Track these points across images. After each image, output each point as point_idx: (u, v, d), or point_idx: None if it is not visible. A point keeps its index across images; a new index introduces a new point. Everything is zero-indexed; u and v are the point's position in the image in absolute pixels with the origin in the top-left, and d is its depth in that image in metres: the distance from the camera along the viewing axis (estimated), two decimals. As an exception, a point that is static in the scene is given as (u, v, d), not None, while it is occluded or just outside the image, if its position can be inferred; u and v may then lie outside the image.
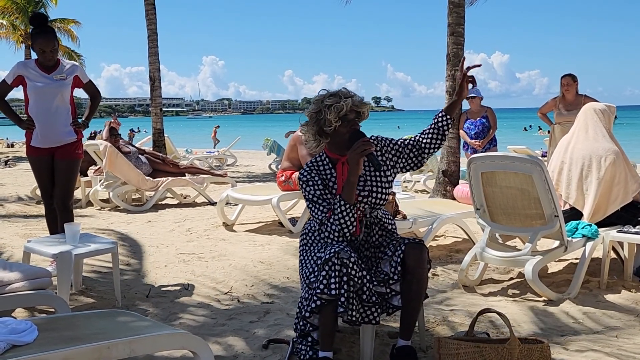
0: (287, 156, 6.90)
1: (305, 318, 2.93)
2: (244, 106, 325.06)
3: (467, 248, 5.13)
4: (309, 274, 3.03)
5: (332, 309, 2.85)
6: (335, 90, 3.15)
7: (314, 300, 2.86)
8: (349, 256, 2.88)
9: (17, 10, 25.94)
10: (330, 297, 2.83)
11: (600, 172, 4.54)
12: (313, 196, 3.10)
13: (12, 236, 6.46)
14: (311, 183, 3.12)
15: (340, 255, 2.85)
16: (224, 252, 5.71)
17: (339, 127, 3.10)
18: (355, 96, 3.12)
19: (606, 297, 4.20)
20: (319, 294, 2.84)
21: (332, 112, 3.06)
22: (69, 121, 4.89)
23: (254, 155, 22.74)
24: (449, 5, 8.46)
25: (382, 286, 3.04)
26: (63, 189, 4.89)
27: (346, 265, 2.86)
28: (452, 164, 8.45)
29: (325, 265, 2.86)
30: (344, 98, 3.08)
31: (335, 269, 2.84)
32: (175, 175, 9.02)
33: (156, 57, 14.46)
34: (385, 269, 3.06)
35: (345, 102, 3.06)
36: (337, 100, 3.07)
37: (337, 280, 2.83)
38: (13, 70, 4.81)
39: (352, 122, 3.11)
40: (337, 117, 3.07)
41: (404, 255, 3.02)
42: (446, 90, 8.53)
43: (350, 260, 2.87)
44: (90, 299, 4.33)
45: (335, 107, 3.06)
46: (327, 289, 2.83)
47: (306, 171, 3.17)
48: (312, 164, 3.20)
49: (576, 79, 7.73)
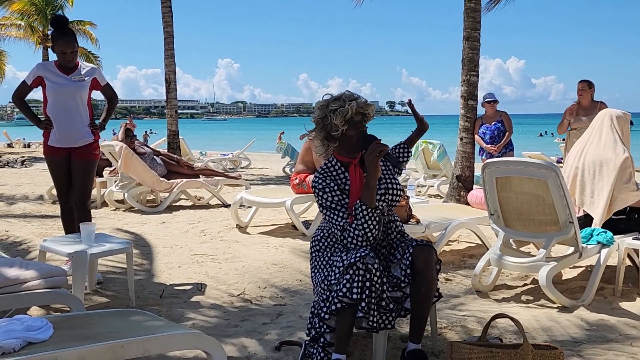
0: (302, 159, 6.91)
1: (324, 320, 2.93)
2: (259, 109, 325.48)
3: (481, 253, 5.11)
4: (323, 279, 3.03)
5: (351, 312, 2.86)
6: (339, 94, 3.16)
7: (335, 302, 2.86)
8: (373, 262, 2.88)
9: (36, 11, 26.16)
10: (352, 302, 2.84)
11: (609, 177, 4.52)
12: (331, 203, 3.09)
13: (29, 235, 6.52)
14: (328, 190, 3.10)
15: (365, 261, 2.86)
16: (237, 254, 5.73)
17: (347, 131, 3.10)
18: (359, 98, 3.12)
19: (621, 305, 4.17)
20: (341, 296, 2.84)
21: (338, 116, 3.06)
22: (87, 122, 4.94)
23: (268, 157, 22.78)
24: (465, 10, 8.44)
25: (397, 290, 3.04)
26: (81, 189, 4.93)
27: (370, 271, 2.86)
28: (466, 169, 8.41)
29: (349, 269, 2.86)
30: (349, 101, 3.08)
31: (359, 274, 2.84)
32: (189, 177, 9.06)
33: (172, 60, 14.53)
34: (396, 273, 3.07)
35: (350, 105, 3.05)
36: (342, 104, 3.07)
37: (360, 285, 2.84)
38: (33, 71, 4.86)
39: (359, 125, 3.11)
40: (344, 120, 3.07)
41: (413, 257, 3.03)
42: (461, 95, 8.50)
43: (374, 267, 2.88)
44: (105, 299, 4.36)
45: (341, 111, 3.06)
46: (350, 293, 2.83)
47: (320, 178, 3.15)
48: (323, 170, 3.19)
49: (592, 85, 7.67)
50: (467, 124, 8.41)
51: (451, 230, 5.40)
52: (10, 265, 3.31)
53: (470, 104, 8.44)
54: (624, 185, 4.51)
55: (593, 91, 7.70)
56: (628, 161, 4.54)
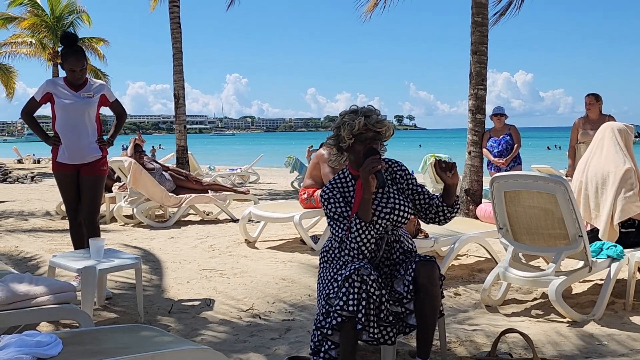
0: (310, 174, 6.92)
1: (327, 336, 2.92)
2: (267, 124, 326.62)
3: (490, 267, 5.09)
4: (328, 292, 3.03)
5: (351, 326, 2.84)
6: (357, 107, 3.16)
7: (334, 317, 2.86)
8: (369, 273, 2.87)
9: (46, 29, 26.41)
10: (349, 314, 2.83)
11: (612, 189, 4.51)
12: (334, 214, 3.11)
13: (38, 250, 6.55)
14: (332, 200, 3.13)
15: (360, 272, 2.85)
16: (246, 269, 5.73)
17: (354, 145, 3.11)
18: (372, 115, 3.11)
19: (632, 319, 4.13)
20: (339, 310, 2.84)
21: (347, 130, 3.09)
22: (95, 138, 4.97)
23: (277, 172, 22.82)
24: (472, 25, 8.47)
25: (398, 306, 3.03)
26: (89, 205, 4.95)
27: (366, 282, 2.85)
28: (474, 182, 8.40)
29: (345, 282, 2.86)
30: (360, 116, 3.08)
31: (354, 286, 2.84)
32: (198, 192, 9.08)
33: (181, 75, 14.63)
34: (399, 289, 3.04)
35: (358, 121, 3.06)
36: (353, 118, 3.09)
37: (357, 297, 2.83)
38: (42, 88, 4.90)
39: (369, 141, 3.10)
40: (351, 134, 3.09)
41: (415, 273, 3.00)
42: (469, 109, 8.51)
43: (370, 278, 2.87)
44: (114, 314, 4.37)
45: (350, 124, 3.08)
46: (346, 305, 2.82)
47: (328, 189, 3.18)
48: (334, 180, 3.21)
49: (600, 99, 7.67)
50: (475, 138, 8.41)
51: (460, 244, 5.39)
52: (20, 281, 3.32)
53: (478, 117, 8.45)
54: (625, 196, 4.48)
55: (601, 104, 7.70)
56: (630, 172, 4.52)
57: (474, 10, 8.47)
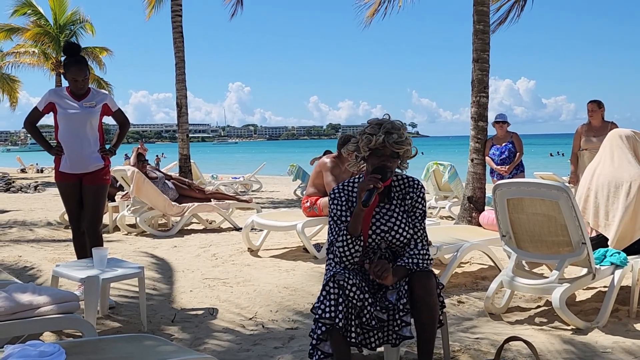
0: (313, 182, 6.92)
1: (316, 347, 2.88)
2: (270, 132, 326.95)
3: (493, 275, 5.08)
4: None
5: (337, 333, 2.82)
6: (382, 122, 3.11)
7: (319, 326, 2.85)
8: (345, 278, 2.86)
9: (49, 39, 26.50)
10: (329, 321, 2.81)
11: (626, 199, 4.49)
12: (334, 215, 3.13)
13: (41, 260, 6.55)
14: (336, 202, 3.14)
15: (336, 279, 2.85)
16: (249, 278, 5.73)
17: (370, 157, 3.11)
18: (394, 134, 3.05)
19: (636, 327, 4.12)
20: (319, 318, 2.83)
21: (364, 142, 3.08)
22: (97, 148, 4.97)
23: (279, 181, 22.83)
24: (474, 32, 8.49)
25: (384, 313, 2.98)
26: (92, 214, 4.96)
27: (343, 287, 2.84)
28: (477, 190, 8.40)
29: (323, 290, 2.87)
30: (381, 133, 3.04)
31: (332, 292, 2.83)
32: (201, 201, 9.09)
33: (183, 84, 14.67)
34: (391, 298, 2.99)
35: (377, 137, 3.04)
36: (374, 132, 3.06)
37: (333, 304, 2.82)
38: (45, 98, 4.92)
39: (384, 158, 3.08)
40: (367, 147, 3.08)
41: (411, 284, 2.96)
42: (471, 117, 8.52)
43: (348, 283, 2.86)
44: (117, 323, 4.37)
45: (367, 138, 3.07)
46: (324, 313, 2.82)
47: (339, 189, 3.19)
48: (347, 183, 3.22)
49: (602, 105, 7.67)
50: (478, 145, 8.42)
51: (463, 252, 5.38)
52: (23, 291, 3.32)
53: (481, 125, 8.45)
54: None
55: (603, 111, 7.70)
56: None
57: (475, 18, 8.49)
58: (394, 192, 3.19)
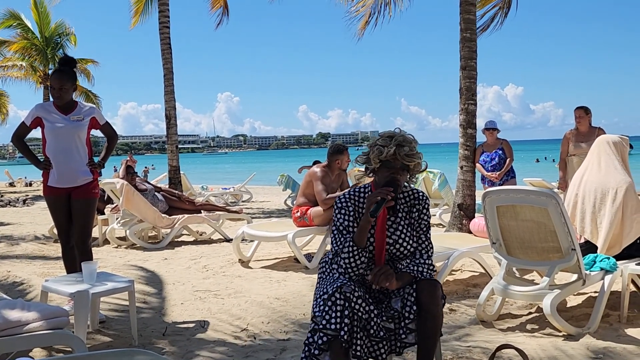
0: (303, 192, 6.92)
1: (315, 356, 2.87)
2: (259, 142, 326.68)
3: (484, 282, 5.09)
4: (314, 309, 3.01)
5: (338, 344, 2.80)
6: (394, 134, 3.11)
7: (320, 336, 2.83)
8: (352, 290, 2.85)
9: (36, 52, 26.42)
10: (333, 333, 2.79)
11: (612, 205, 4.51)
12: (340, 225, 3.11)
13: (30, 275, 6.50)
14: (343, 212, 3.12)
15: (342, 290, 2.84)
16: (240, 289, 5.71)
17: (379, 169, 3.11)
18: (405, 147, 3.05)
19: (627, 332, 4.14)
20: (322, 329, 2.81)
21: (375, 153, 3.08)
22: (85, 161, 4.95)
23: (270, 191, 22.80)
24: (461, 40, 8.53)
25: (391, 322, 2.99)
26: (81, 228, 4.92)
27: (349, 299, 2.83)
28: (467, 197, 8.42)
29: (328, 301, 2.84)
30: (392, 145, 3.04)
31: (337, 304, 2.81)
32: (191, 212, 9.06)
33: (172, 96, 14.66)
34: (396, 306, 3.00)
35: (388, 149, 3.04)
36: (385, 144, 3.06)
37: (339, 315, 2.80)
38: (32, 112, 4.89)
39: (394, 170, 3.07)
40: (378, 159, 3.08)
41: (417, 292, 2.97)
42: (460, 124, 8.55)
43: (354, 295, 2.85)
44: (107, 338, 4.34)
45: (379, 149, 3.07)
46: (328, 324, 2.80)
47: (345, 197, 3.17)
48: (354, 192, 3.20)
49: (589, 111, 7.73)
50: (467, 153, 8.44)
51: (454, 259, 5.39)
52: (12, 307, 3.30)
53: (470, 132, 8.48)
54: (633, 217, 4.49)
55: (590, 117, 7.76)
56: (632, 189, 4.54)
57: (462, 25, 8.53)
58: (400, 204, 3.19)
